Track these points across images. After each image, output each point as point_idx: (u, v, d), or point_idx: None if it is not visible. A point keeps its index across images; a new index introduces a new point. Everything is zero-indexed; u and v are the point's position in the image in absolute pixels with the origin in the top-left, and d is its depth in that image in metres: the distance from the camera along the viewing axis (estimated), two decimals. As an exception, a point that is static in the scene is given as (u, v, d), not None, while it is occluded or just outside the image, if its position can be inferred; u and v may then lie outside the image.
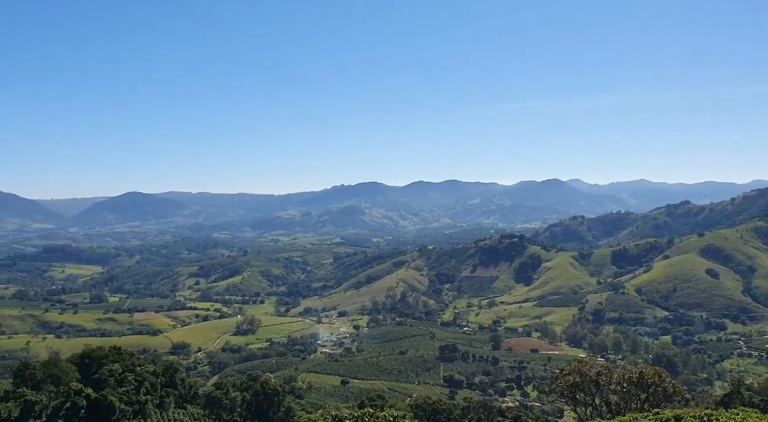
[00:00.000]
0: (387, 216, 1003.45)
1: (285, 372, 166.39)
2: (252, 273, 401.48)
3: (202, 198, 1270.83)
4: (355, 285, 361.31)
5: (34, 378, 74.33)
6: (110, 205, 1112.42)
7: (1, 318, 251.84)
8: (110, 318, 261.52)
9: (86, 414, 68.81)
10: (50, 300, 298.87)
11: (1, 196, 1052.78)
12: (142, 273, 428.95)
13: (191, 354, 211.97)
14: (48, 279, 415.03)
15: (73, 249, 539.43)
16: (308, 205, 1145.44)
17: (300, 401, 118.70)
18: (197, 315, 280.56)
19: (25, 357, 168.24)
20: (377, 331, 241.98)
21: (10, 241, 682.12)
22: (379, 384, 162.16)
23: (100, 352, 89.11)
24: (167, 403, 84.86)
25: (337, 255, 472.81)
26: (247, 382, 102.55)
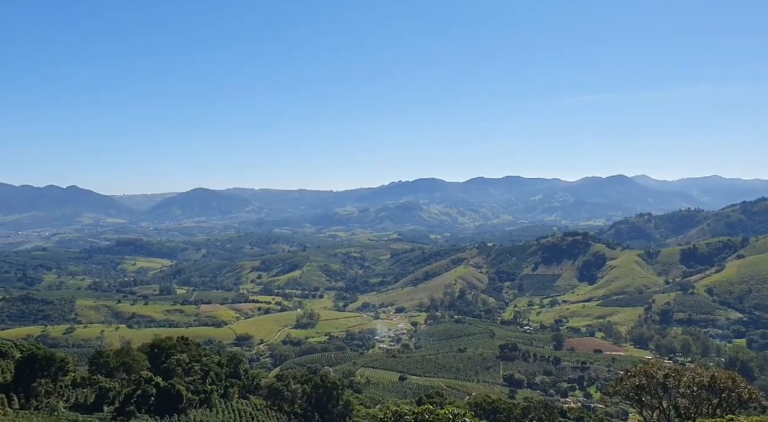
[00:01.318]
0: (445, 212, 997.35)
1: (344, 367, 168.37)
2: (311, 268, 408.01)
3: (264, 194, 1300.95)
4: (413, 281, 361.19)
5: (108, 366, 77.96)
6: (178, 201, 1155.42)
7: (79, 308, 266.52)
8: (178, 310, 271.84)
9: (156, 401, 71.76)
10: (123, 292, 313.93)
11: (79, 192, 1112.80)
12: (207, 267, 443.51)
13: (254, 346, 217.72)
14: (120, 272, 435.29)
15: (143, 243, 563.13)
16: (366, 201, 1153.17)
17: (359, 395, 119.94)
18: (259, 308, 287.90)
19: (99, 345, 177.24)
20: (435, 328, 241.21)
21: (86, 235, 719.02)
22: (437, 381, 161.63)
23: (169, 342, 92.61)
24: (231, 393, 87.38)
25: (394, 252, 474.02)
26: (307, 375, 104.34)
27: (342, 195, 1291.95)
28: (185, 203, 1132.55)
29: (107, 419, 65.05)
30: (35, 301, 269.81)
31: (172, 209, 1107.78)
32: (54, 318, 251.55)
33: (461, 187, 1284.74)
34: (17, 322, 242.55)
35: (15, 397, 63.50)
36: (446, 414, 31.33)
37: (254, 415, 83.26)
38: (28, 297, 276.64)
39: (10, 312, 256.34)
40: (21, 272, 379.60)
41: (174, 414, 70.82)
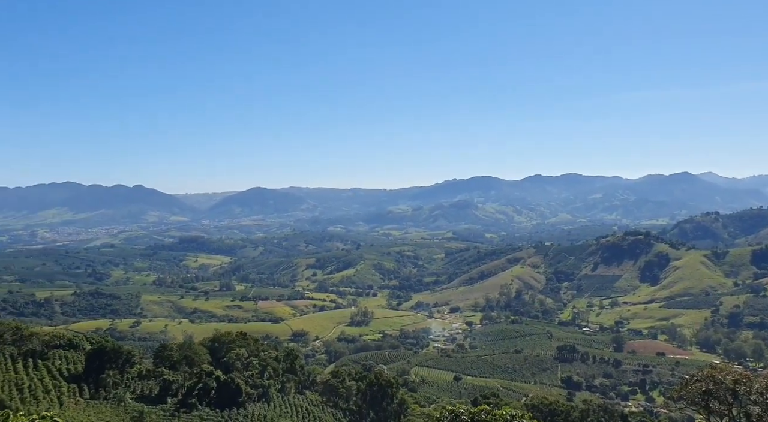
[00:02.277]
0: (501, 211, 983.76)
1: (398, 365, 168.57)
2: (365, 266, 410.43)
3: (318, 193, 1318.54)
4: (468, 281, 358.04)
5: (171, 359, 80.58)
6: (237, 200, 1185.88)
7: (144, 303, 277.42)
8: (237, 305, 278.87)
9: (216, 394, 73.78)
10: (185, 287, 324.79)
11: (145, 191, 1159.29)
12: (265, 264, 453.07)
13: (309, 343, 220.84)
14: (183, 268, 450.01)
15: (204, 241, 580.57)
16: (420, 199, 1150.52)
17: (413, 394, 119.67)
18: (314, 305, 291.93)
19: (163, 339, 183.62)
20: (491, 329, 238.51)
21: (151, 232, 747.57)
22: (492, 382, 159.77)
23: (228, 337, 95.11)
24: (288, 388, 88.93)
25: (448, 251, 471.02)
26: (362, 372, 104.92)
27: (395, 193, 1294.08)
28: (244, 202, 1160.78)
29: (171, 411, 67.26)
30: (104, 296, 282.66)
31: (232, 208, 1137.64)
32: (121, 312, 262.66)
33: (517, 184, 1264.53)
34: (87, 316, 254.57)
35: (86, 387, 66.60)
36: (504, 415, 30.77)
37: (310, 410, 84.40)
38: (98, 292, 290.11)
39: (80, 306, 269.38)
40: (91, 268, 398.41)
41: (233, 408, 72.62)
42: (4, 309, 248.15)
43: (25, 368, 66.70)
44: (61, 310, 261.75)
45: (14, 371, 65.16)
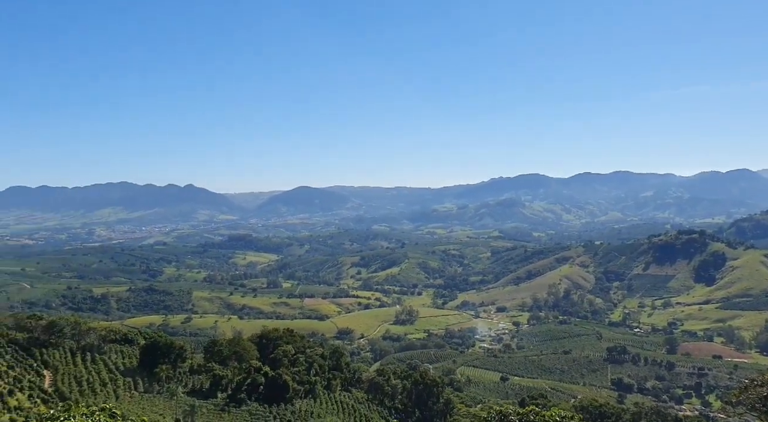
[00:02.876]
0: (549, 209, 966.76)
1: (444, 365, 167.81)
2: (409, 265, 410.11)
3: (363, 191, 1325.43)
4: (515, 280, 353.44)
5: (221, 355, 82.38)
6: (284, 199, 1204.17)
7: (195, 299, 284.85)
8: (284, 303, 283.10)
9: (264, 390, 74.99)
10: (234, 284, 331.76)
11: (195, 190, 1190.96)
12: (310, 262, 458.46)
13: (354, 340, 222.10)
14: (232, 266, 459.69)
15: (252, 239, 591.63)
16: (465, 197, 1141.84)
17: (459, 394, 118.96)
18: (359, 303, 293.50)
19: (213, 335, 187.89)
20: (538, 329, 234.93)
21: (202, 231, 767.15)
22: (540, 382, 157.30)
23: (276, 334, 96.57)
24: (334, 385, 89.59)
25: (495, 250, 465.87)
26: (407, 371, 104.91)
27: (440, 192, 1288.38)
28: (290, 201, 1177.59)
29: (221, 405, 68.72)
30: (157, 292, 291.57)
31: (278, 206, 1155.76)
32: (173, 308, 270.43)
33: (566, 182, 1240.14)
34: (141, 311, 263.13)
35: (140, 381, 68.75)
36: (553, 416, 30.22)
37: (356, 408, 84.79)
38: (151, 288, 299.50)
39: (135, 301, 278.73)
40: (145, 265, 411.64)
41: (281, 403, 73.63)
42: (63, 304, 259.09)
43: (84, 361, 69.31)
44: (117, 306, 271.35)
45: (73, 364, 67.81)
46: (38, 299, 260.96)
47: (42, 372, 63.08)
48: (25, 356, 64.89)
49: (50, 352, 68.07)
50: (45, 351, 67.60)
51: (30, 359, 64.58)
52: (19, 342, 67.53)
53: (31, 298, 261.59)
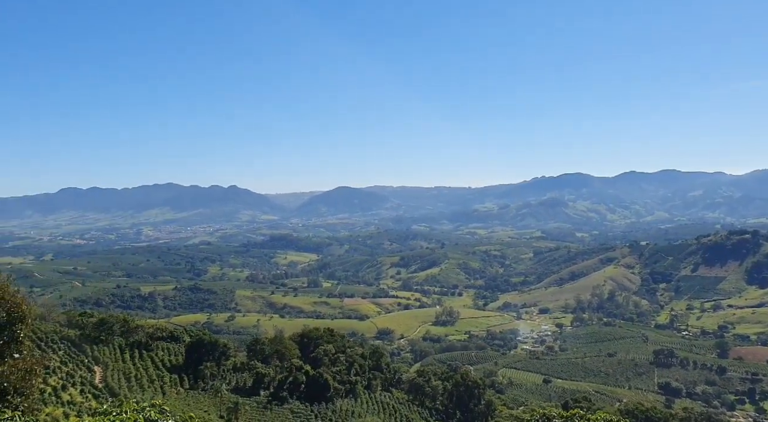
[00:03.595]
0: (593, 209, 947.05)
1: (484, 366, 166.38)
2: (449, 265, 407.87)
3: (402, 191, 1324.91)
4: (557, 281, 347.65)
5: (264, 353, 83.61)
6: (324, 199, 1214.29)
7: (238, 298, 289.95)
8: (324, 302, 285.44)
9: (305, 388, 75.75)
10: (275, 284, 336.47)
11: (238, 191, 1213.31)
12: (350, 262, 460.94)
13: (394, 341, 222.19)
14: (274, 265, 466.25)
15: (293, 239, 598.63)
16: (506, 197, 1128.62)
17: (501, 396, 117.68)
18: (399, 303, 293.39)
19: (256, 333, 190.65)
20: (582, 331, 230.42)
21: (244, 231, 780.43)
22: (584, 385, 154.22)
23: (316, 333, 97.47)
24: (374, 385, 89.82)
25: (537, 250, 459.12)
26: (448, 372, 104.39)
27: (481, 191, 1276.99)
28: (330, 201, 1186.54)
29: (263, 403, 69.73)
30: (202, 291, 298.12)
31: (318, 206, 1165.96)
32: (217, 306, 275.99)
33: (611, 182, 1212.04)
34: (187, 309, 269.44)
35: (186, 378, 70.34)
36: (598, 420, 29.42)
37: (397, 408, 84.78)
38: (196, 287, 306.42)
39: (181, 300, 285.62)
40: (190, 264, 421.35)
41: (322, 402, 74.23)
42: (113, 302, 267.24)
43: (132, 358, 71.35)
44: (163, 304, 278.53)
45: (122, 360, 69.90)
46: (89, 297, 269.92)
47: (93, 368, 65.22)
48: (77, 352, 67.22)
49: (101, 349, 70.35)
50: (96, 348, 69.90)
51: (81, 355, 66.87)
52: (72, 339, 69.99)
53: (83, 296, 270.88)
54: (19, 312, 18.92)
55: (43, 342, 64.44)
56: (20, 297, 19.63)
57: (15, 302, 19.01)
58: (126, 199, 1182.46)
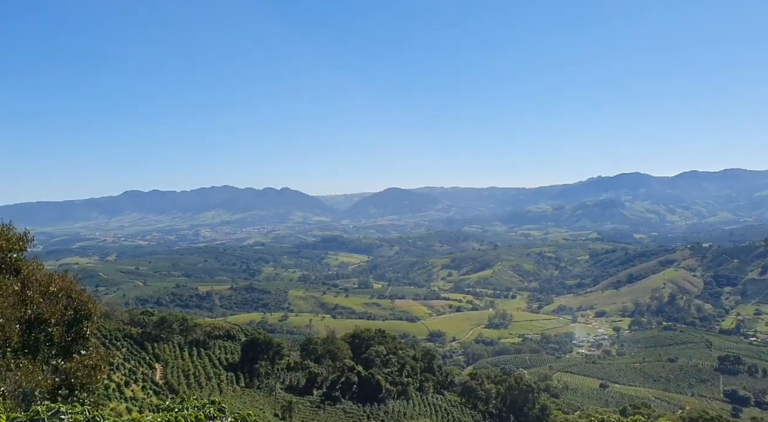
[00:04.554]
0: (651, 209, 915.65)
1: (539, 370, 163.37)
2: (502, 267, 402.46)
3: (453, 192, 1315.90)
4: (615, 284, 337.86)
5: (316, 353, 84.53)
6: (374, 200, 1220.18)
7: (291, 298, 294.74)
8: (375, 303, 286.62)
9: (357, 389, 76.14)
10: (327, 284, 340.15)
11: (291, 193, 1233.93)
12: (400, 263, 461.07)
13: (446, 343, 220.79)
14: (325, 266, 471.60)
15: (344, 240, 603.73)
16: (561, 198, 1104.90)
17: (555, 400, 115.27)
18: (450, 305, 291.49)
19: (308, 333, 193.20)
20: (641, 335, 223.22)
21: (297, 232, 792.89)
22: (643, 391, 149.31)
23: (368, 334, 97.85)
24: (426, 387, 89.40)
25: (593, 252, 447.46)
26: (501, 375, 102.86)
27: (534, 192, 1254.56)
28: (380, 202, 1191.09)
29: (316, 402, 70.50)
30: (256, 291, 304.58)
31: (368, 208, 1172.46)
32: (271, 306, 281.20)
33: (670, 181, 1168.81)
34: (242, 309, 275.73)
35: (241, 376, 71.90)
36: (661, 429, 28.32)
37: (449, 411, 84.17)
38: (251, 287, 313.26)
39: (236, 299, 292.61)
40: (245, 264, 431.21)
41: (374, 403, 74.43)
42: (172, 301, 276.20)
43: (190, 356, 73.47)
44: (220, 303, 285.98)
45: (181, 358, 72.04)
46: (150, 296, 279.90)
47: (154, 365, 67.49)
48: (138, 349, 69.74)
49: (161, 346, 72.73)
50: (156, 346, 72.32)
51: (143, 352, 69.33)
52: (134, 337, 72.68)
53: (144, 295, 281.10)
54: (85, 310, 19.68)
55: (107, 340, 67.16)
56: (87, 296, 20.40)
57: (82, 300, 19.78)
58: (185, 201, 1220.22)
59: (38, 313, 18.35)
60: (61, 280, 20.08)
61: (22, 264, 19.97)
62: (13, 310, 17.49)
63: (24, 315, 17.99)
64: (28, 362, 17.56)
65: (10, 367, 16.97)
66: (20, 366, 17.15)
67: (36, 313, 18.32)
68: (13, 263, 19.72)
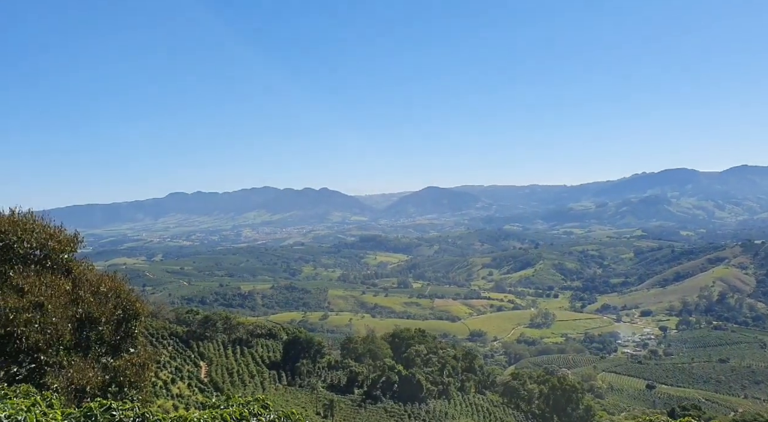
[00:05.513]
0: (699, 206, 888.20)
1: (582, 370, 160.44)
2: (544, 266, 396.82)
3: (493, 191, 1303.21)
4: (661, 282, 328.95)
5: (356, 352, 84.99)
6: (412, 199, 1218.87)
7: (331, 297, 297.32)
8: (414, 303, 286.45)
9: (398, 388, 76.18)
10: (366, 284, 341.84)
11: (329, 193, 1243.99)
12: (440, 263, 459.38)
13: (487, 343, 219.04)
14: (364, 265, 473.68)
15: (382, 239, 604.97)
16: (604, 195, 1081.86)
17: (600, 401, 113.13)
18: (491, 305, 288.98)
19: (348, 332, 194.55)
20: (689, 334, 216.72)
21: (335, 231, 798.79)
22: (692, 392, 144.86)
23: (408, 333, 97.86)
24: (468, 387, 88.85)
25: (638, 250, 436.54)
26: (544, 376, 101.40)
27: (576, 189, 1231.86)
28: (418, 201, 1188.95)
29: (358, 401, 70.83)
30: (297, 290, 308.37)
31: (407, 207, 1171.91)
32: (311, 305, 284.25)
33: (719, 177, 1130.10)
34: (283, 308, 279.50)
35: (284, 374, 72.80)
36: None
37: (491, 411, 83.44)
38: (292, 286, 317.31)
39: (277, 298, 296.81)
40: (285, 264, 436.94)
41: (415, 402, 74.36)
42: (216, 300, 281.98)
43: (234, 354, 74.78)
44: (262, 302, 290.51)
45: (225, 356, 73.40)
46: (194, 295, 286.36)
47: (198, 363, 68.97)
48: (184, 348, 71.36)
49: (205, 345, 74.25)
50: (201, 344, 73.87)
51: (188, 351, 70.91)
52: (179, 335, 74.40)
53: (189, 295, 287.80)
54: (133, 310, 20.24)
55: (154, 338, 68.93)
56: (135, 296, 20.98)
57: (130, 300, 20.36)
58: (227, 202, 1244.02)
59: (89, 312, 18.96)
60: (111, 280, 20.69)
61: (73, 265, 20.66)
62: (65, 309, 18.10)
63: (75, 314, 18.61)
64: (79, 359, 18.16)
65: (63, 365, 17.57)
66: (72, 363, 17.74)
67: (87, 312, 18.92)
68: (64, 264, 20.43)
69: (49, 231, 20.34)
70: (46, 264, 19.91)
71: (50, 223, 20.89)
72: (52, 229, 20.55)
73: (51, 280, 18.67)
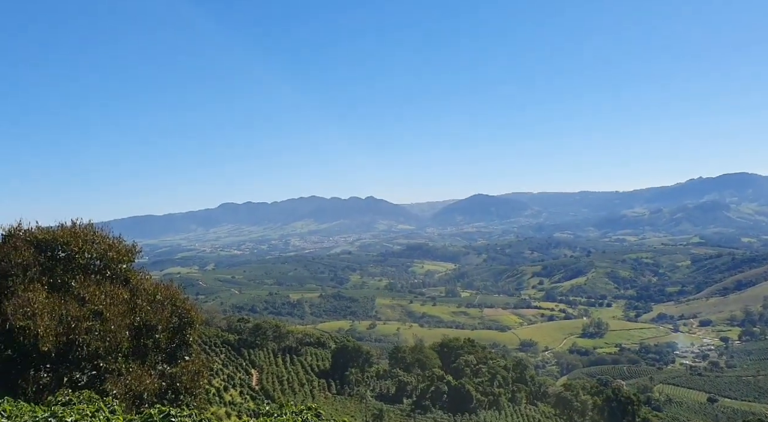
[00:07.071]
0: (761, 211, 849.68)
1: (638, 381, 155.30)
2: (596, 274, 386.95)
3: (542, 198, 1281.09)
4: (721, 291, 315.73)
5: (405, 361, 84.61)
6: (459, 207, 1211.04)
7: (378, 306, 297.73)
8: (463, 312, 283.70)
9: (447, 398, 75.39)
10: (413, 293, 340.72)
11: (375, 202, 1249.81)
12: (488, 271, 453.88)
13: (538, 353, 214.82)
14: (410, 274, 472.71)
15: (429, 248, 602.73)
16: (658, 201, 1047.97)
17: (658, 413, 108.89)
18: (542, 314, 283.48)
19: (396, 341, 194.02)
20: (753, 346, 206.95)
21: (382, 240, 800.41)
22: (758, 407, 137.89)
23: (457, 343, 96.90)
24: (519, 398, 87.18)
25: (695, 257, 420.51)
26: (598, 387, 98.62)
27: (629, 195, 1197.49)
28: (465, 209, 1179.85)
29: (407, 411, 70.43)
30: (344, 299, 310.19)
31: (453, 215, 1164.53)
32: (359, 314, 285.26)
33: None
34: (331, 316, 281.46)
35: (333, 383, 73.12)
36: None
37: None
38: (339, 294, 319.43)
39: (325, 307, 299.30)
40: (332, 273, 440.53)
41: (465, 413, 73.38)
42: (266, 308, 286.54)
43: (284, 362, 75.64)
44: (310, 311, 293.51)
45: (275, 364, 74.32)
46: (245, 304, 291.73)
47: (250, 370, 70.07)
48: (236, 355, 72.68)
49: (256, 353, 75.41)
50: (252, 352, 75.07)
51: (240, 358, 72.17)
52: (231, 343, 75.83)
53: (239, 303, 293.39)
54: (188, 318, 20.71)
55: (207, 346, 70.46)
56: (189, 304, 21.47)
57: (185, 308, 20.84)
58: (275, 212, 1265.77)
59: (146, 320, 19.49)
60: (166, 289, 21.24)
61: (131, 275, 21.33)
62: (123, 317, 18.67)
63: (133, 322, 19.17)
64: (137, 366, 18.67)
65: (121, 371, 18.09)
66: (130, 370, 18.26)
67: (144, 320, 19.47)
68: (122, 273, 21.11)
69: (108, 242, 21.07)
70: (106, 273, 20.62)
71: (109, 234, 21.69)
72: (111, 240, 21.29)
73: (110, 289, 19.31)
